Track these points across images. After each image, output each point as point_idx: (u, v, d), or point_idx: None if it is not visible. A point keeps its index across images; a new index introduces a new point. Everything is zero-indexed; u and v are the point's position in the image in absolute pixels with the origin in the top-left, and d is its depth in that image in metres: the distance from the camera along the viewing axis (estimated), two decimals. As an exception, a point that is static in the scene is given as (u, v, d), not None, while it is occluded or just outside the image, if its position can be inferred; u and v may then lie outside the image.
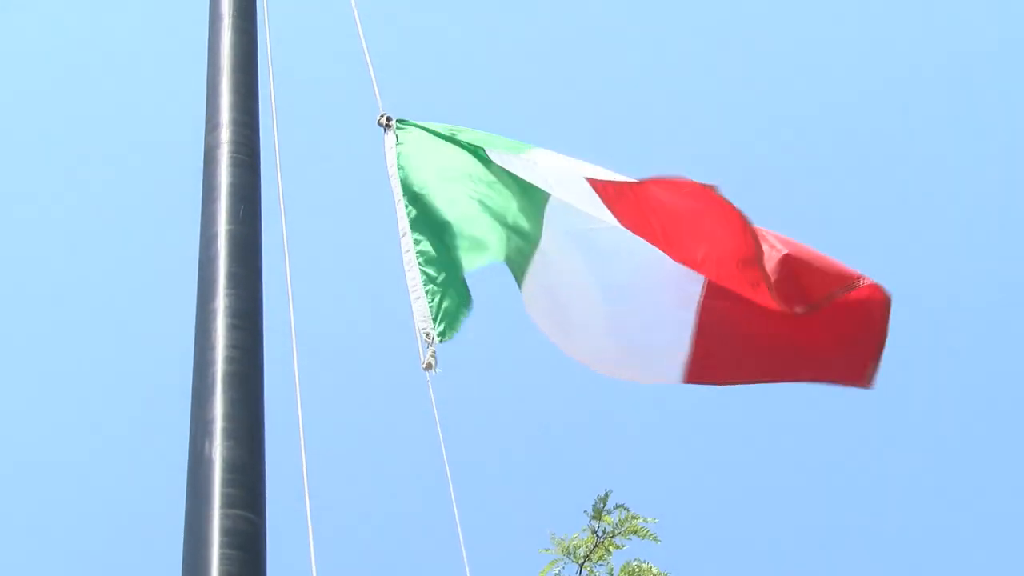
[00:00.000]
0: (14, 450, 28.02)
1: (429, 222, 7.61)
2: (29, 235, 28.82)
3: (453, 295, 7.41)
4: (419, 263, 7.47)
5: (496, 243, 7.69)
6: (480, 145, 7.87)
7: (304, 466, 6.97)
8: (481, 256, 7.63)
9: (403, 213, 7.67)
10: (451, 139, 7.99)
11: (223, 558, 5.95)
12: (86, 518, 28.98)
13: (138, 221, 29.40)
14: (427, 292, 7.36)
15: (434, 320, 7.33)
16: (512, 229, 7.69)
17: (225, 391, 6.39)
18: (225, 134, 6.99)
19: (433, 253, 7.55)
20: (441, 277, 7.44)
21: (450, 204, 7.73)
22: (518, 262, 7.69)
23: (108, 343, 29.07)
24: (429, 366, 7.14)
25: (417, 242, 7.56)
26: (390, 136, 7.86)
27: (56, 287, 29.21)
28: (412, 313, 7.42)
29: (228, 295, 6.63)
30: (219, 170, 6.91)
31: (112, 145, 29.45)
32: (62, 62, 30.09)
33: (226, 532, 6.02)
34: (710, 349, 7.62)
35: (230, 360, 6.47)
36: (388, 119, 7.93)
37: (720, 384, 7.96)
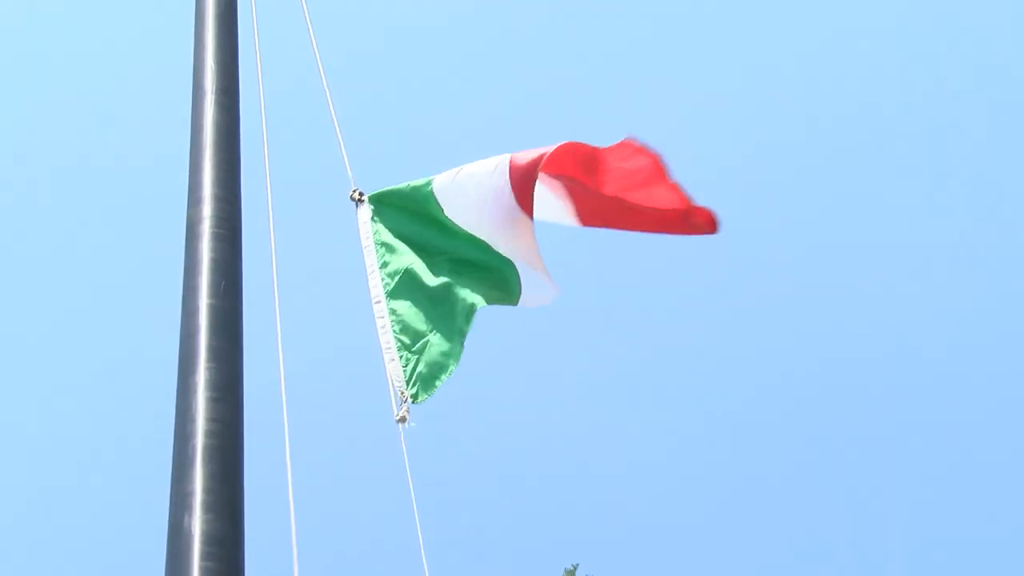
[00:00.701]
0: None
1: (409, 292, 7.75)
2: (17, 322, 28.87)
3: (429, 362, 7.55)
4: (394, 330, 7.63)
5: (477, 293, 7.95)
6: (436, 208, 8.09)
7: (294, 540, 6.86)
8: (470, 313, 7.84)
9: (377, 282, 7.82)
10: (416, 208, 8.16)
11: None
12: None
13: (121, 293, 29.35)
14: (401, 356, 7.52)
15: (407, 382, 7.50)
16: (482, 268, 8.03)
17: (205, 464, 6.27)
18: (207, 209, 6.92)
19: (409, 322, 7.70)
20: (417, 344, 7.60)
21: (428, 273, 7.91)
22: (505, 284, 8.03)
23: (89, 415, 28.99)
24: (403, 419, 7.32)
25: (393, 311, 7.70)
26: (363, 210, 8.01)
27: (38, 358, 29.13)
28: (386, 372, 7.60)
29: (208, 368, 6.53)
30: (201, 245, 6.85)
31: (94, 218, 29.45)
32: (47, 143, 30.08)
33: None
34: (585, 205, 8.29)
35: (210, 433, 6.36)
36: (360, 194, 8.09)
37: (607, 227, 8.49)
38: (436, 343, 7.65)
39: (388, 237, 7.95)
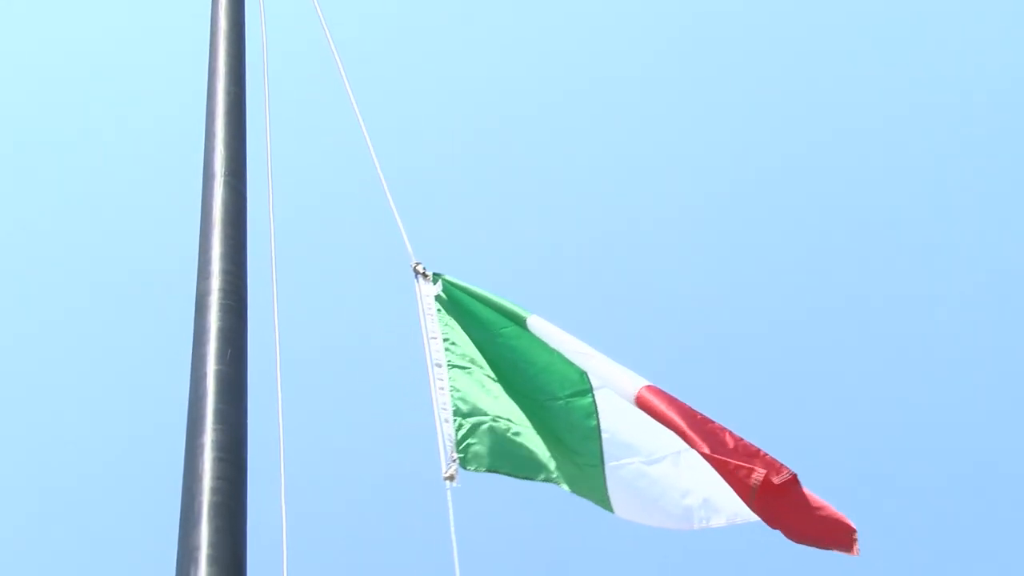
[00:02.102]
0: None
1: (471, 375, 7.61)
2: (21, 375, 28.87)
3: (490, 444, 7.39)
4: (452, 395, 7.53)
5: (551, 462, 7.51)
6: (519, 315, 7.80)
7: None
8: (539, 472, 7.47)
9: (440, 347, 7.69)
10: (488, 302, 7.97)
11: None
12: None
13: (134, 360, 29.48)
14: (455, 421, 7.43)
15: (457, 444, 7.38)
16: (568, 449, 7.55)
17: (210, 520, 6.32)
18: (215, 282, 7.00)
19: (468, 395, 7.57)
20: (475, 417, 7.47)
21: (493, 374, 7.69)
22: (590, 481, 7.52)
23: (101, 474, 29.06)
24: (451, 478, 7.20)
25: (452, 379, 7.59)
26: (428, 285, 7.91)
27: (53, 420, 29.23)
28: (439, 431, 7.50)
29: (215, 430, 6.59)
30: (209, 315, 6.92)
31: (111, 293, 29.63)
32: (62, 215, 30.28)
33: None
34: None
35: (215, 491, 6.42)
36: (424, 269, 8.01)
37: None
38: (503, 429, 7.49)
39: (457, 314, 7.83)
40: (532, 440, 7.41)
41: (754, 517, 7.36)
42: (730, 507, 7.47)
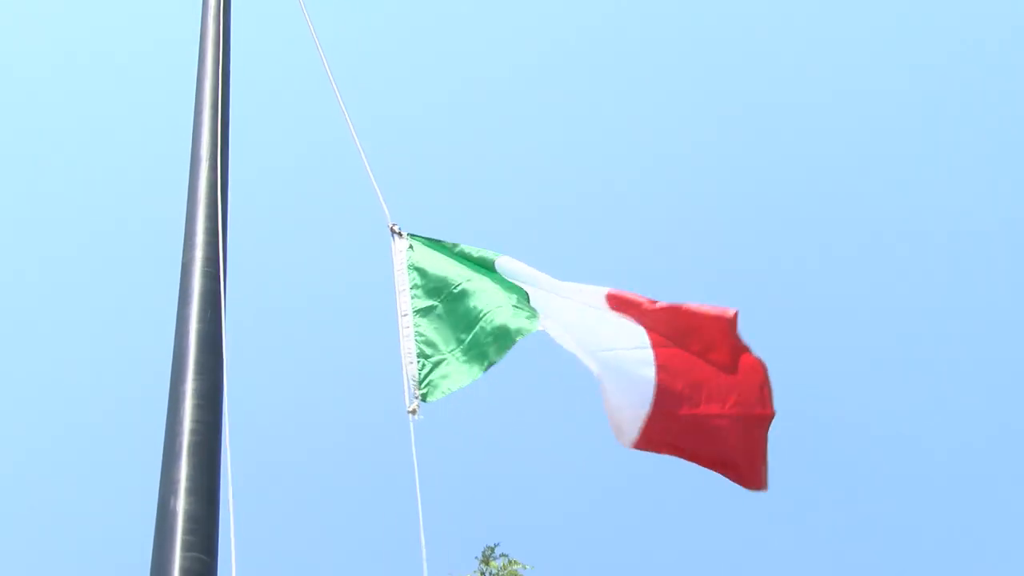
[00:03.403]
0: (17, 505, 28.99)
1: (434, 316, 7.96)
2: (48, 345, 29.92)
3: (443, 375, 7.79)
4: (417, 340, 7.90)
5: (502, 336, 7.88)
6: (486, 259, 8.15)
7: (232, 508, 7.24)
8: (494, 354, 7.85)
9: (407, 299, 8.02)
10: (453, 253, 8.30)
11: None
12: (72, 559, 30.01)
13: (126, 319, 30.63)
14: (419, 362, 7.80)
15: (420, 383, 7.77)
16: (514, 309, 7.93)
17: (189, 457, 6.74)
18: (198, 252, 7.39)
19: (431, 337, 7.94)
20: (434, 356, 7.85)
21: (457, 303, 8.06)
22: (527, 318, 7.88)
23: (98, 419, 30.23)
24: (414, 412, 7.58)
25: (417, 325, 7.96)
26: (401, 242, 8.20)
27: (60, 366, 30.21)
28: (404, 373, 7.84)
29: (195, 380, 7.00)
30: (192, 280, 7.32)
31: (106, 267, 30.78)
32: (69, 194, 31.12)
33: (184, 571, 6.38)
34: (662, 414, 8.04)
35: (194, 432, 6.83)
36: (400, 230, 8.28)
37: (660, 452, 8.22)
38: (452, 361, 7.81)
39: (422, 266, 8.11)
40: (477, 339, 7.81)
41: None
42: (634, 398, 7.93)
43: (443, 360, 7.86)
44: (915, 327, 32.94)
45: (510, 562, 16.32)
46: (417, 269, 8.20)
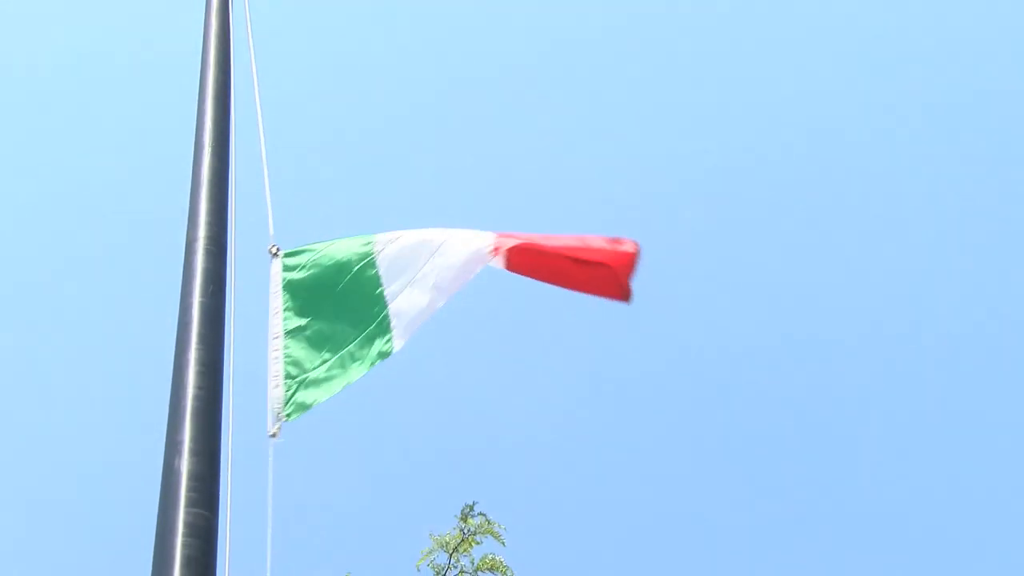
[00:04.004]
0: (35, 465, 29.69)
1: (303, 335, 8.05)
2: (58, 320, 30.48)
3: (306, 391, 7.91)
4: (285, 362, 7.96)
5: (348, 369, 8.04)
6: (366, 254, 8.23)
7: (229, 476, 7.56)
8: (358, 369, 8.05)
9: (278, 322, 8.05)
10: (329, 266, 8.31)
11: (184, 545, 6.66)
12: (84, 518, 30.80)
13: (136, 293, 31.34)
14: (285, 384, 7.87)
15: (284, 405, 7.84)
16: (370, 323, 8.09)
17: (192, 419, 7.08)
18: (201, 232, 7.70)
19: (298, 358, 8.00)
20: (299, 376, 7.92)
21: (326, 323, 8.18)
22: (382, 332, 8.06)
23: (108, 384, 31.04)
24: (275, 435, 7.66)
25: (287, 346, 8.00)
26: (277, 263, 8.19)
27: (72, 336, 30.86)
28: (268, 396, 7.92)
29: (198, 349, 7.32)
30: (196, 258, 7.61)
31: (115, 240, 31.42)
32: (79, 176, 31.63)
33: (187, 526, 6.71)
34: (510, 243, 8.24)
35: (196, 397, 7.16)
36: (277, 249, 8.25)
37: (522, 274, 8.37)
38: (315, 378, 7.91)
39: (296, 285, 8.15)
40: (338, 362, 7.96)
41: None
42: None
43: (306, 379, 7.90)
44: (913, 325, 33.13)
45: (487, 522, 16.86)
46: (290, 290, 8.20)
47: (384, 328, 7.99)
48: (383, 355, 7.86)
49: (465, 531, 16.86)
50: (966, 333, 32.70)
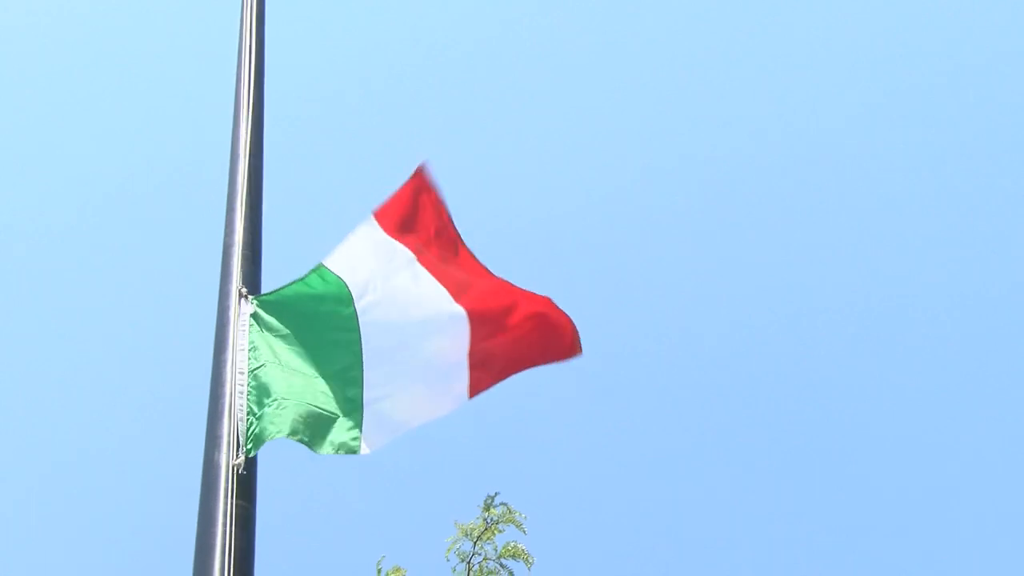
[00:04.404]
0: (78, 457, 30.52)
1: (270, 372, 8.19)
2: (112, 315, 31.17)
3: (264, 426, 7.94)
4: (249, 398, 7.98)
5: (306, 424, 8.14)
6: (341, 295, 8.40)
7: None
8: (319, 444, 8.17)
9: (245, 358, 8.09)
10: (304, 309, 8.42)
11: (225, 535, 6.98)
12: (132, 504, 31.41)
13: (176, 297, 32.09)
14: (248, 419, 7.85)
15: (247, 438, 7.80)
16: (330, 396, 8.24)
17: (230, 417, 7.48)
18: (237, 237, 8.04)
19: (261, 394, 8.05)
20: (259, 413, 7.95)
21: (296, 362, 8.33)
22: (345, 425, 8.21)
23: (150, 383, 31.78)
24: (238, 466, 7.57)
25: (252, 380, 8.04)
26: (247, 306, 8.21)
27: (116, 338, 31.61)
28: (234, 431, 7.86)
29: (238, 351, 7.72)
30: (232, 261, 7.98)
31: (155, 249, 32.10)
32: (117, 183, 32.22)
33: (226, 515, 7.04)
34: (480, 362, 8.61)
35: (234, 395, 7.57)
36: (246, 293, 8.25)
37: (489, 386, 8.67)
38: (274, 411, 7.99)
39: (266, 326, 8.24)
40: (297, 407, 8.12)
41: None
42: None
43: (264, 415, 7.98)
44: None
45: (509, 511, 17.40)
46: (259, 329, 8.26)
47: (356, 415, 8.25)
48: (351, 449, 8.14)
49: (488, 520, 17.41)
50: (966, 332, 32.78)
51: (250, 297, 8.16)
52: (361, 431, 8.16)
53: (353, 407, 8.21)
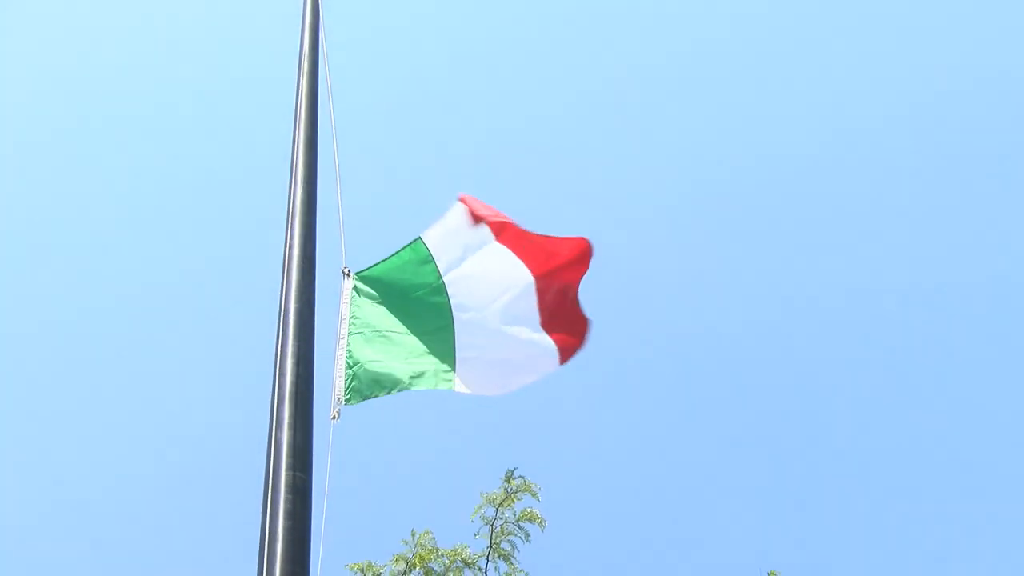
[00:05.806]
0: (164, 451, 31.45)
1: (366, 338, 8.97)
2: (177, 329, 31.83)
3: (366, 380, 8.74)
4: (347, 359, 8.81)
5: (405, 376, 8.97)
6: (433, 281, 9.22)
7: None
8: (418, 381, 9.00)
9: (346, 326, 8.93)
10: (399, 279, 9.24)
11: (286, 501, 7.66)
12: (211, 480, 33.12)
13: (242, 301, 32.70)
14: (346, 375, 8.66)
15: (345, 390, 8.63)
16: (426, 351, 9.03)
17: (290, 401, 8.13)
18: (296, 250, 8.64)
19: (358, 355, 8.87)
20: (356, 370, 8.75)
21: (391, 330, 9.17)
22: (445, 368, 9.06)
23: (224, 374, 32.44)
24: (335, 417, 8.45)
25: (350, 344, 8.89)
26: (348, 282, 9.02)
27: (193, 338, 32.41)
28: (333, 385, 8.75)
29: (294, 344, 8.27)
30: (292, 270, 8.53)
31: (234, 259, 32.71)
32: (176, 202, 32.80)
33: (287, 485, 7.69)
34: (550, 322, 9.39)
35: (293, 383, 8.18)
36: (348, 271, 9.07)
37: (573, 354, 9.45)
38: (374, 370, 8.70)
39: (364, 299, 9.01)
40: (393, 365, 8.85)
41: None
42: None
43: (363, 368, 8.68)
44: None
45: (525, 483, 19.23)
46: (359, 301, 8.97)
47: (449, 359, 9.00)
48: (446, 384, 8.93)
49: (508, 490, 19.36)
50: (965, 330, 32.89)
51: (351, 272, 8.88)
52: (455, 373, 8.89)
53: (447, 355, 8.92)
